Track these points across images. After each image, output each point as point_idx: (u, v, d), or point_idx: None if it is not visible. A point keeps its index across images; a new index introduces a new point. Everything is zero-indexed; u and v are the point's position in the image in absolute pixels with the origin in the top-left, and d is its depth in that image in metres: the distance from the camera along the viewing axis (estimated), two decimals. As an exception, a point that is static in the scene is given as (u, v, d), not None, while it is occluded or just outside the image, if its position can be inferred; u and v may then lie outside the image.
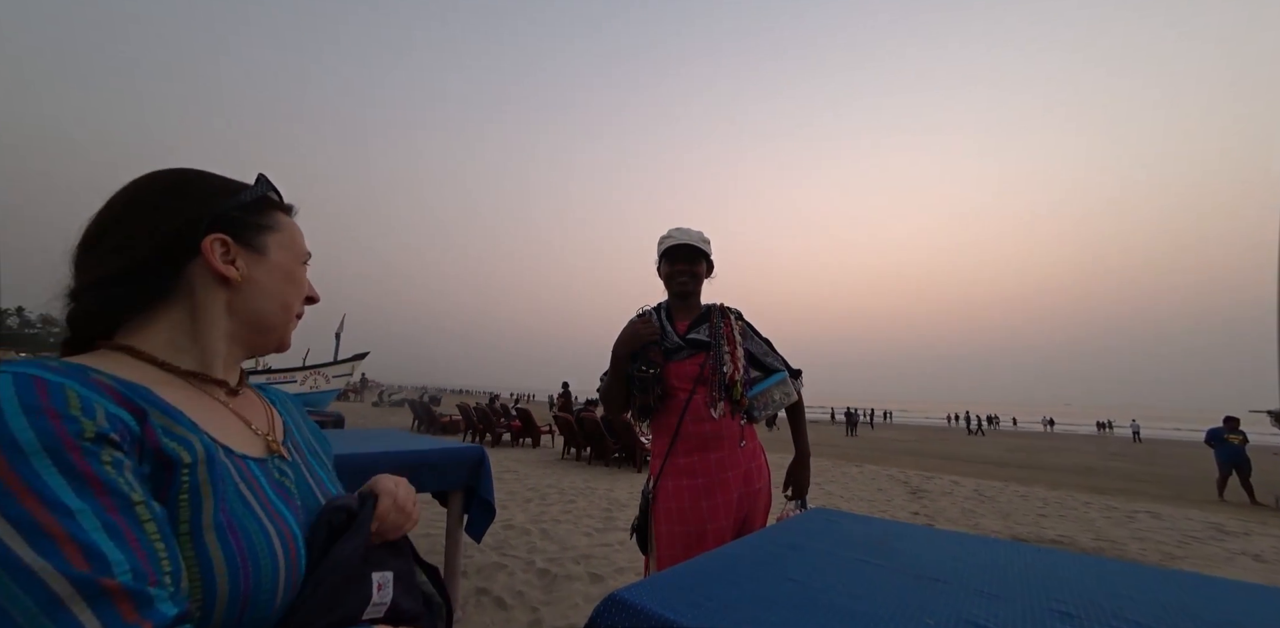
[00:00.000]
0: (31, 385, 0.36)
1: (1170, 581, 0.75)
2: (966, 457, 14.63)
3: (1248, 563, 3.83)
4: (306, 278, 0.60)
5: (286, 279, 0.56)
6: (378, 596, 0.49)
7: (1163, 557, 3.90)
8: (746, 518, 1.41)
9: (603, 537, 3.65)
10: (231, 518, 0.42)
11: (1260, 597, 0.69)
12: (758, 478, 1.44)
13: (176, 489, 0.40)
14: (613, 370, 1.48)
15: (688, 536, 1.32)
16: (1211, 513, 6.16)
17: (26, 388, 0.35)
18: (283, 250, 0.56)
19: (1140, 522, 5.16)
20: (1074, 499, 6.45)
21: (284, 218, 0.58)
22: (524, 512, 4.35)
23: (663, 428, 1.45)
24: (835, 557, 0.82)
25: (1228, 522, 5.44)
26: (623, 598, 0.62)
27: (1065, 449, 19.59)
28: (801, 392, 1.61)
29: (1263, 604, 0.66)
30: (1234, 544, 4.40)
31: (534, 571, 2.86)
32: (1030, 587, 0.70)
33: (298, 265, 0.58)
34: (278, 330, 0.57)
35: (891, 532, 1.00)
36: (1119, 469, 12.84)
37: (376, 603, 0.48)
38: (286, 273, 0.56)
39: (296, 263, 0.57)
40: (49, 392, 0.36)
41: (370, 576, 0.49)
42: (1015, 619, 0.59)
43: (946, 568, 0.77)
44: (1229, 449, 8.53)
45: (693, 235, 1.49)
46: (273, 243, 0.55)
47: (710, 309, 1.52)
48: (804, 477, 1.56)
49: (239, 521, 0.42)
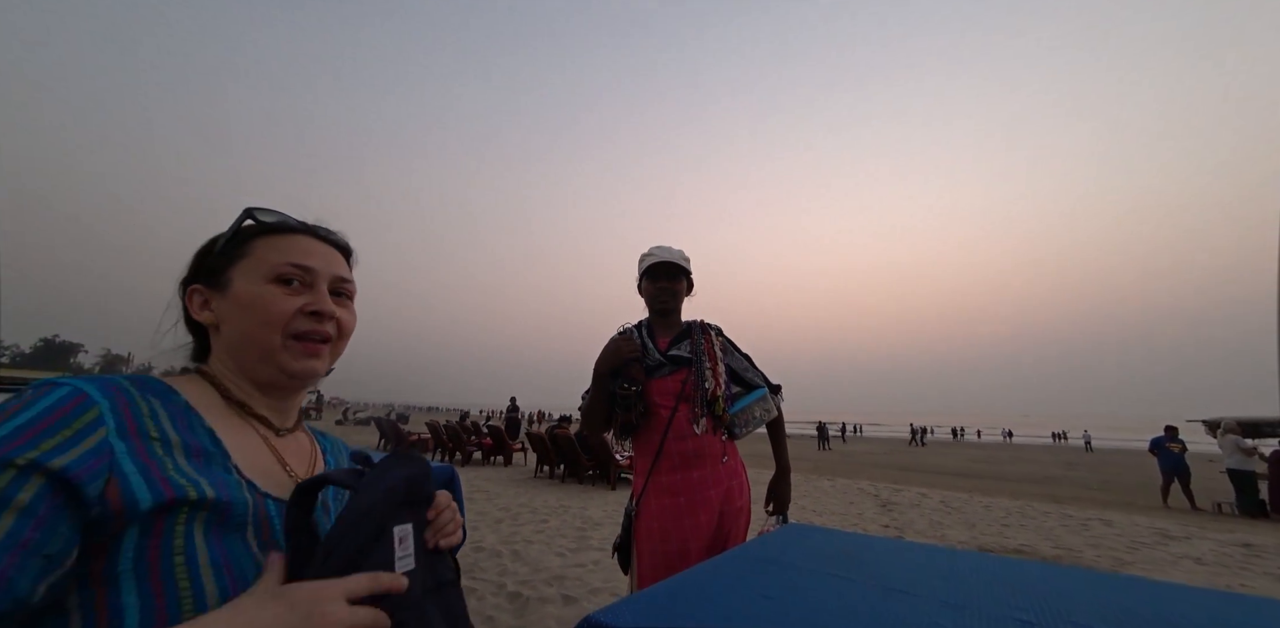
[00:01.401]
0: (61, 399, 0.39)
1: (1120, 586, 0.80)
2: (934, 468, 14.99)
3: (1191, 566, 4.04)
4: (296, 292, 0.54)
5: (247, 306, 0.52)
6: (400, 548, 0.45)
7: (1114, 562, 4.07)
8: (729, 535, 1.41)
9: (576, 557, 3.56)
10: (228, 557, 0.41)
11: (1201, 600, 0.74)
12: (739, 495, 1.45)
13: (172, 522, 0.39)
14: (594, 388, 1.48)
15: (669, 555, 1.31)
16: (1157, 519, 6.49)
17: (56, 400, 0.39)
18: (245, 277, 0.52)
19: (1094, 529, 5.38)
20: (1034, 509, 6.68)
21: (259, 242, 0.55)
22: (495, 533, 4.21)
23: (645, 446, 1.45)
24: (808, 572, 0.83)
25: (1171, 527, 5.74)
26: (598, 621, 0.61)
27: (1024, 460, 20.31)
28: (782, 407, 1.64)
29: (1203, 607, 0.71)
30: (1177, 548, 4.63)
31: (505, 594, 2.77)
32: (993, 596, 0.73)
33: (262, 286, 0.52)
34: (261, 357, 0.53)
35: (862, 545, 1.02)
36: (1073, 478, 13.37)
37: (401, 557, 0.45)
38: (244, 298, 0.52)
39: (261, 283, 0.52)
40: (70, 409, 0.39)
41: (390, 529, 0.45)
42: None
43: (914, 580, 0.79)
44: (1170, 457, 8.99)
45: (674, 253, 1.52)
46: (236, 274, 0.53)
47: (691, 326, 1.54)
48: (785, 492, 1.57)
49: (235, 560, 0.42)
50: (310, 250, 0.56)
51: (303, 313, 0.53)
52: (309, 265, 0.54)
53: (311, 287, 0.54)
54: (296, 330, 0.53)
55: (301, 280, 0.54)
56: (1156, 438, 9.43)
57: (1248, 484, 8.01)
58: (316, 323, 0.54)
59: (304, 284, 0.54)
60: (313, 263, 0.55)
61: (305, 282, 0.54)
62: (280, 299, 0.52)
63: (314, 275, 0.55)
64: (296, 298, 0.53)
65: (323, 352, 0.55)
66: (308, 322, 0.53)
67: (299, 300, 0.53)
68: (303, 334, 0.53)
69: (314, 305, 0.53)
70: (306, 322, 0.53)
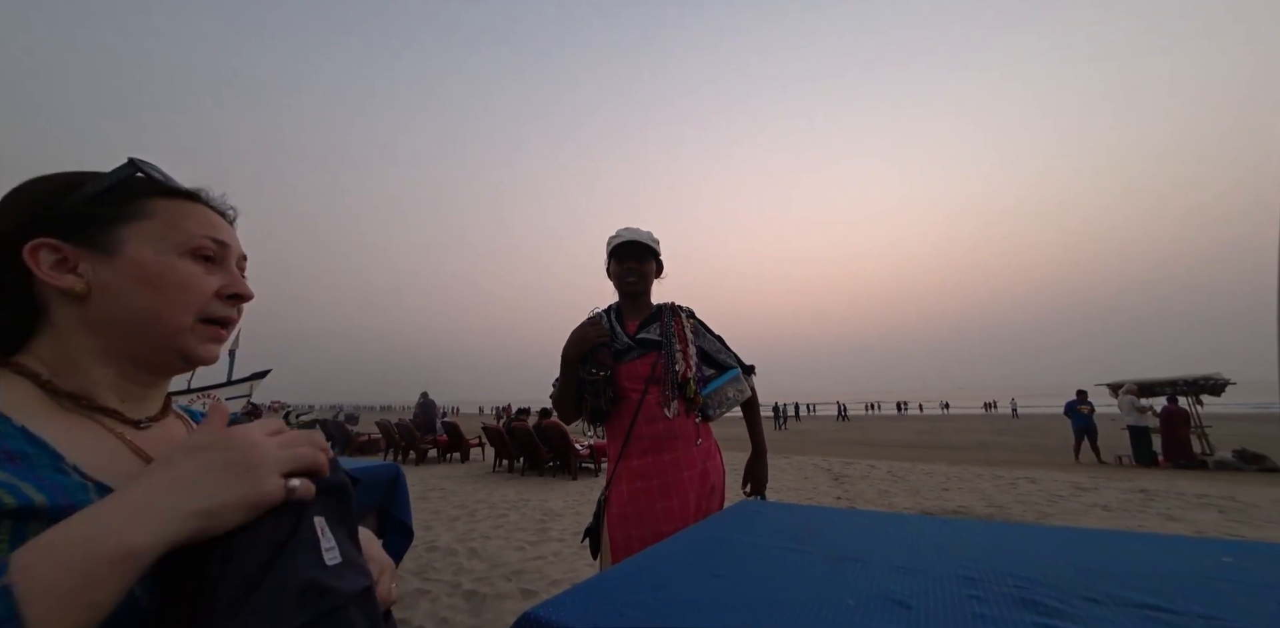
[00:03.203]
0: None
1: (1044, 536, 0.88)
2: (881, 441, 15.90)
3: (1100, 513, 4.54)
4: (211, 270, 0.47)
5: (151, 279, 0.43)
6: (324, 539, 0.38)
7: (1038, 515, 4.49)
8: (703, 517, 1.39)
9: (536, 550, 3.50)
10: None
11: (1109, 540, 0.84)
12: (713, 475, 1.43)
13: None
14: (563, 375, 1.43)
15: (642, 539, 1.28)
16: (1071, 474, 7.25)
17: None
18: (147, 243, 0.43)
19: (1020, 487, 5.89)
20: (969, 472, 7.23)
21: (161, 203, 0.46)
22: (450, 531, 4.08)
23: (616, 430, 1.41)
24: (761, 548, 0.81)
25: (1083, 480, 6.43)
26: (537, 616, 0.56)
27: (961, 429, 21.93)
28: (755, 388, 1.62)
29: (1111, 546, 0.80)
30: (1088, 498, 5.19)
31: (460, 593, 2.67)
32: (939, 557, 0.75)
33: (174, 257, 0.44)
34: (161, 340, 0.44)
35: (815, 518, 1.02)
36: (1003, 443, 14.56)
37: (328, 548, 0.38)
38: (151, 270, 0.43)
39: (172, 255, 0.44)
40: None
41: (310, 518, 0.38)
42: (928, 589, 0.62)
43: (865, 548, 0.80)
44: (1080, 418, 10.05)
45: (641, 234, 1.47)
46: (130, 235, 0.43)
47: (661, 308, 1.50)
48: (762, 473, 1.57)
49: None
50: (218, 223, 0.49)
51: (220, 296, 0.47)
52: (225, 240, 0.48)
53: (221, 265, 0.49)
54: (212, 314, 0.47)
55: (215, 257, 0.48)
56: (1070, 401, 10.50)
57: (1143, 439, 9.13)
58: (230, 308, 0.49)
59: (215, 262, 0.48)
60: (227, 238, 0.49)
61: (218, 259, 0.48)
62: (200, 278, 0.46)
63: (227, 252, 0.49)
64: (212, 278, 0.47)
65: (226, 338, 0.49)
66: (224, 306, 0.48)
67: (215, 281, 0.47)
68: (216, 319, 0.47)
69: (233, 288, 0.48)
70: (223, 306, 0.48)
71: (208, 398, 13.25)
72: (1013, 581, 0.64)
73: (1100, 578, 0.64)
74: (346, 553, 0.41)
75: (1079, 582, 0.63)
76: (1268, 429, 16.33)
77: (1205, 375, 9.78)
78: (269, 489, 0.36)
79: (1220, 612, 0.53)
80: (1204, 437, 9.26)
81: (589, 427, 1.48)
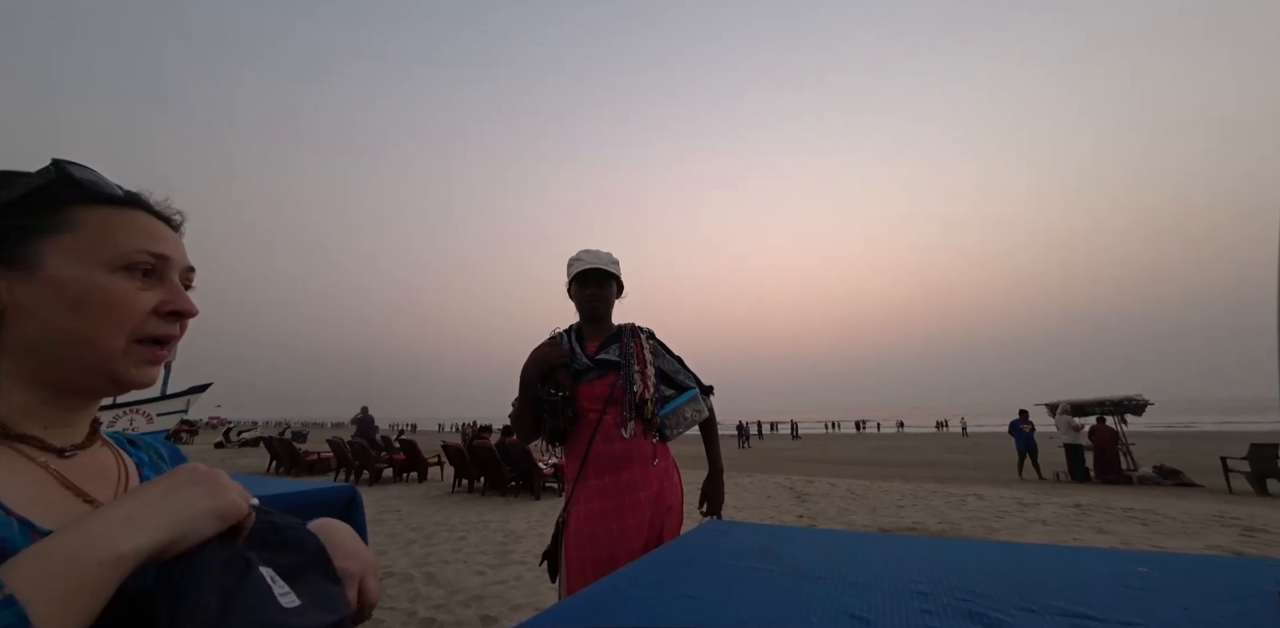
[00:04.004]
0: None
1: (992, 551, 0.96)
2: (841, 459, 16.27)
3: (1040, 528, 4.80)
4: (148, 286, 0.42)
5: (76, 299, 0.38)
6: (277, 586, 0.37)
7: (986, 531, 4.69)
8: (660, 537, 1.39)
9: (498, 574, 3.38)
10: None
11: (1044, 554, 0.94)
12: (671, 496, 1.44)
13: None
14: (521, 396, 1.44)
15: (598, 560, 1.28)
16: (1015, 490, 7.65)
17: None
18: (70, 259, 0.38)
19: (970, 504, 6.15)
20: (924, 490, 7.49)
21: (88, 213, 0.40)
22: (406, 556, 3.88)
23: (575, 451, 1.41)
24: (727, 567, 0.84)
25: (1026, 496, 6.76)
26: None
27: (915, 448, 22.71)
28: (713, 408, 1.64)
29: (1046, 559, 0.90)
30: (1030, 514, 5.48)
31: (416, 621, 2.55)
32: (894, 573, 0.80)
33: (103, 275, 0.40)
34: (89, 364, 0.40)
35: (778, 536, 1.06)
36: (954, 461, 15.18)
37: (282, 593, 0.37)
38: (74, 291, 0.38)
39: (101, 271, 0.39)
40: None
41: (255, 566, 0.37)
42: (884, 604, 0.66)
43: (825, 566, 0.84)
44: (1023, 436, 10.67)
45: (602, 258, 1.49)
46: (50, 251, 0.38)
47: (621, 329, 1.52)
48: (718, 493, 1.58)
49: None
50: (159, 233, 0.44)
51: (158, 314, 0.42)
52: (164, 253, 0.43)
53: (161, 279, 0.43)
54: (148, 334, 0.42)
55: (153, 271, 0.43)
56: (1013, 421, 11.11)
57: (1077, 456, 9.80)
58: (171, 326, 0.43)
59: (152, 276, 0.43)
60: (167, 250, 0.44)
61: (157, 272, 0.43)
62: (134, 296, 0.41)
63: (167, 265, 0.44)
64: (148, 294, 0.42)
65: (165, 358, 0.45)
66: (163, 324, 0.43)
67: (152, 297, 0.42)
68: (153, 338, 0.42)
69: (173, 305, 0.43)
70: (161, 324, 0.42)
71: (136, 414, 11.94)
72: (960, 594, 0.69)
73: (1036, 590, 0.71)
74: (309, 596, 0.39)
75: (1018, 593, 0.69)
76: (1179, 445, 18.10)
77: (1128, 396, 10.56)
78: (235, 501, 0.37)
79: (1137, 618, 0.60)
80: (1129, 454, 9.95)
81: (548, 447, 1.47)
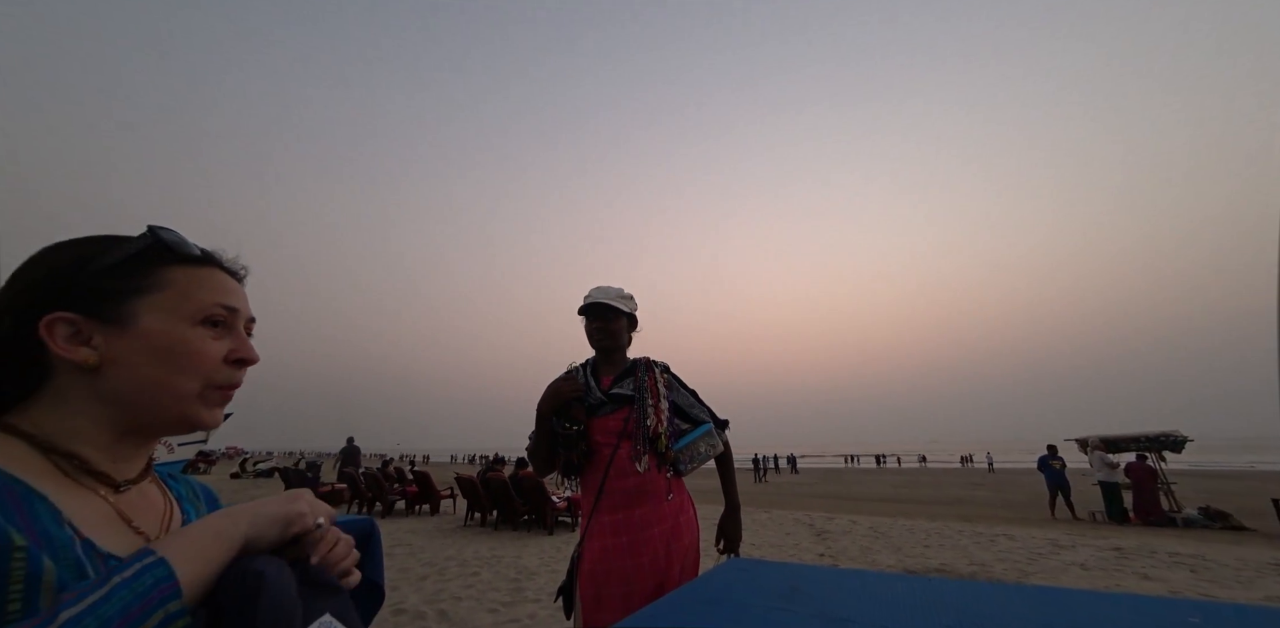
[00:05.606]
0: None
1: (1026, 596, 0.90)
2: (861, 496, 15.65)
3: (1077, 572, 4.54)
4: (219, 336, 0.48)
5: (162, 350, 0.44)
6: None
7: (1019, 574, 4.45)
8: (676, 574, 1.37)
9: (511, 612, 3.30)
10: None
11: (1088, 602, 0.86)
12: (685, 532, 1.42)
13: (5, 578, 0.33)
14: (537, 429, 1.46)
15: (611, 598, 1.27)
16: (1048, 530, 7.24)
17: None
18: (159, 314, 0.44)
19: (1000, 544, 5.84)
20: (950, 528, 7.15)
21: (175, 273, 0.47)
22: (418, 592, 3.81)
23: (589, 485, 1.43)
24: (752, 608, 0.84)
25: (1060, 537, 6.41)
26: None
27: (938, 483, 21.79)
28: (729, 442, 1.62)
29: (1090, 608, 0.83)
30: (1066, 556, 5.17)
31: (427, 664, 2.49)
32: (927, 618, 0.78)
33: (185, 327, 0.45)
34: (167, 409, 0.45)
35: (801, 576, 1.05)
36: (980, 498, 14.50)
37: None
38: (161, 342, 0.44)
39: (184, 325, 0.45)
40: None
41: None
42: None
43: (851, 607, 0.83)
44: (1053, 473, 10.16)
45: (608, 293, 1.53)
46: (143, 309, 0.44)
47: (636, 363, 1.54)
48: (735, 530, 1.54)
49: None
50: (229, 287, 0.50)
51: (228, 362, 0.48)
52: (235, 306, 0.49)
53: (230, 329, 0.49)
54: (221, 381, 0.47)
55: (222, 322, 0.48)
56: (1042, 457, 10.62)
57: (1114, 495, 9.24)
58: (239, 373, 0.49)
59: (222, 326, 0.48)
60: (237, 303, 0.50)
61: (227, 324, 0.49)
62: (210, 345, 0.47)
63: (236, 317, 0.50)
64: (220, 343, 0.48)
65: (230, 400, 0.51)
66: (232, 372, 0.48)
67: (224, 346, 0.48)
68: (223, 384, 0.48)
69: (241, 353, 0.49)
70: (231, 372, 0.48)
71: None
72: (990, 641, 0.68)
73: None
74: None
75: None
76: (1224, 485, 16.69)
77: (1165, 432, 10.08)
78: (300, 510, 0.45)
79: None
80: (1170, 494, 9.42)
81: (563, 480, 1.49)
